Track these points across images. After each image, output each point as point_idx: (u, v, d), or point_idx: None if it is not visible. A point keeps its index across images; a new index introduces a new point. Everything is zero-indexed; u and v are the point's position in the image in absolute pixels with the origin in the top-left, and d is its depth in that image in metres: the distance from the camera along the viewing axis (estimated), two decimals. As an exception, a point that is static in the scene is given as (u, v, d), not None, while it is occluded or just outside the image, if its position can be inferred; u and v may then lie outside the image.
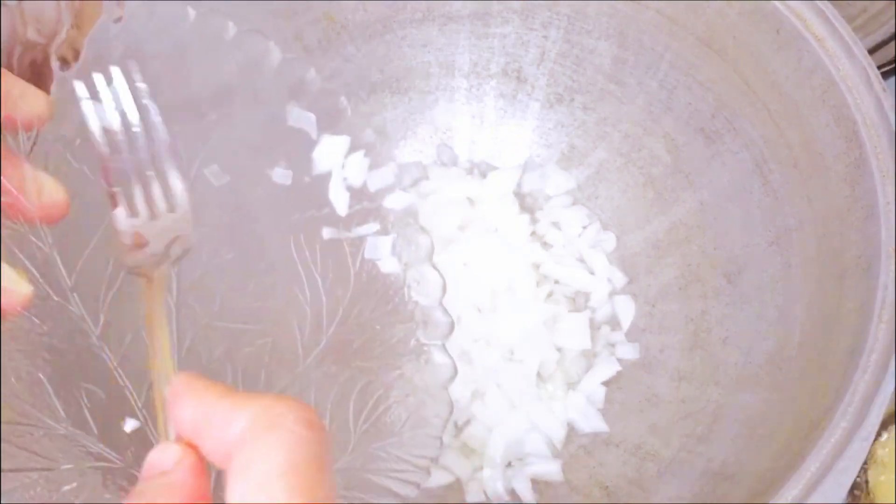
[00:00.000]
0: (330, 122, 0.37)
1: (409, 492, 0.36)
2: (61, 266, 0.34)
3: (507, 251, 0.54)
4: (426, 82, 0.57)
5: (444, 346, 0.38)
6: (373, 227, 0.38)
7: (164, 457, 0.23)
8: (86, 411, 0.34)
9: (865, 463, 0.44)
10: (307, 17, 0.53)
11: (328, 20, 0.53)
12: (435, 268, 0.38)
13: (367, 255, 0.38)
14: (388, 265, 0.38)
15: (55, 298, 0.34)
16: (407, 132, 0.59)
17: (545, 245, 0.56)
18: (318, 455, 0.22)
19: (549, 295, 0.54)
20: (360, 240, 0.38)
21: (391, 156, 0.58)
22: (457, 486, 0.49)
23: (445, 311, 0.38)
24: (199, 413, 0.23)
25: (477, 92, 0.58)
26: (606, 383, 0.52)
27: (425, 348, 0.38)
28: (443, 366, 0.38)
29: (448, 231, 0.54)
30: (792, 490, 0.34)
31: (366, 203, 0.38)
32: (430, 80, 0.57)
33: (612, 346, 0.53)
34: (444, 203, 0.55)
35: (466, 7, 0.54)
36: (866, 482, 0.45)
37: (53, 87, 0.32)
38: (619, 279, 0.55)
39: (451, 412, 0.37)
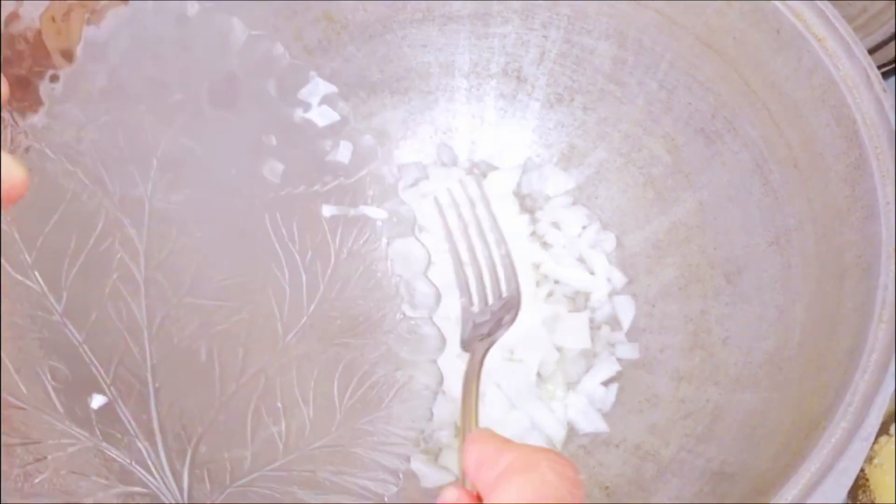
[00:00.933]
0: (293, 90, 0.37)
1: (399, 464, 0.36)
2: (21, 243, 0.34)
3: (507, 251, 0.54)
4: (426, 82, 0.57)
5: (430, 318, 0.38)
6: (356, 205, 0.38)
7: (445, 496, 0.27)
8: (50, 389, 0.35)
9: (865, 463, 0.44)
10: (307, 17, 0.53)
11: (328, 20, 0.53)
12: (418, 240, 0.37)
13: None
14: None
15: (15, 276, 0.34)
16: (407, 132, 0.59)
17: (545, 245, 0.56)
18: (564, 501, 0.24)
19: (549, 295, 0.54)
20: (339, 216, 0.38)
21: (391, 156, 0.58)
22: (457, 486, 0.49)
23: (430, 282, 0.37)
24: (477, 457, 0.27)
25: (477, 92, 0.58)
26: (606, 383, 0.52)
27: (412, 322, 0.37)
28: (430, 337, 0.37)
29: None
30: (792, 490, 0.34)
31: (342, 179, 0.37)
32: (430, 80, 0.57)
33: (612, 346, 0.53)
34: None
35: (466, 7, 0.54)
36: (867, 482, 0.45)
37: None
38: (619, 279, 0.55)
39: (440, 383, 0.37)
